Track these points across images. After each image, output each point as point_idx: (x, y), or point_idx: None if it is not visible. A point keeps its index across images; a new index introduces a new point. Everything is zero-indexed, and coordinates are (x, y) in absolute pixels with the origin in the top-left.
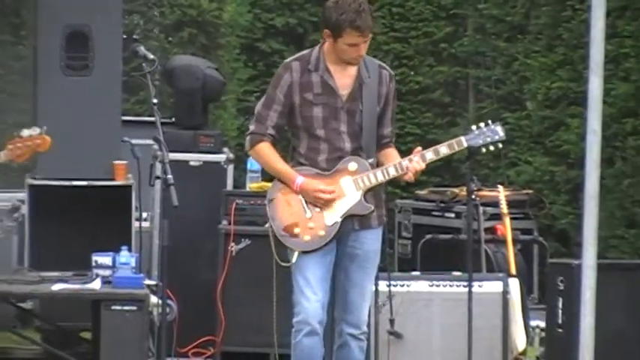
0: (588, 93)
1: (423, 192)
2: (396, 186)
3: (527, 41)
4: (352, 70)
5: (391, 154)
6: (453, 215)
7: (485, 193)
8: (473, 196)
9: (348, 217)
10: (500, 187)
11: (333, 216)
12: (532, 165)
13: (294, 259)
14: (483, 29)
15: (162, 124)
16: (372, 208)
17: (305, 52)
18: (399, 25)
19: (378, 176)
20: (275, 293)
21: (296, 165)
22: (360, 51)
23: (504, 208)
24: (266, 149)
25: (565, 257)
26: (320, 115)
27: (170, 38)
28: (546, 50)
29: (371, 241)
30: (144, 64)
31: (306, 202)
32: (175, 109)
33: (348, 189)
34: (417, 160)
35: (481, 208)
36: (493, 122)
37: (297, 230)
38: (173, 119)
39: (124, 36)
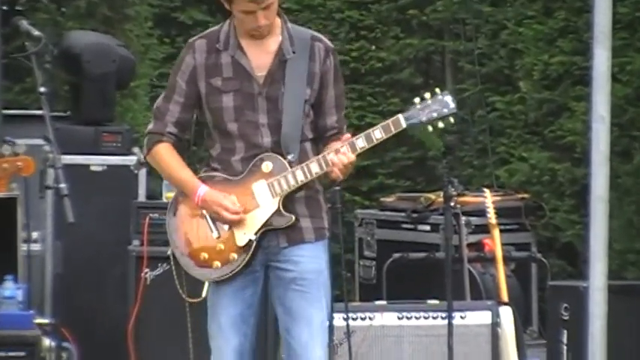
0: (593, 69)
1: (389, 199)
2: (354, 192)
3: (519, 4)
4: (271, 45)
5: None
6: (427, 228)
7: (469, 199)
8: (452, 204)
9: (271, 233)
10: (487, 191)
11: (245, 234)
12: (527, 162)
13: (204, 293)
14: None
15: (54, 118)
16: (292, 218)
17: (215, 27)
18: None
19: (298, 176)
20: (190, 333)
21: (209, 172)
22: (258, 20)
23: (493, 217)
24: (164, 152)
25: (571, 278)
26: (231, 104)
27: (63, 9)
28: (543, 15)
29: (307, 259)
30: (27, 43)
31: (211, 218)
32: (74, 99)
33: (262, 196)
34: (344, 151)
35: (463, 218)
36: (441, 91)
37: (204, 256)
38: (68, 112)
39: (4, 7)
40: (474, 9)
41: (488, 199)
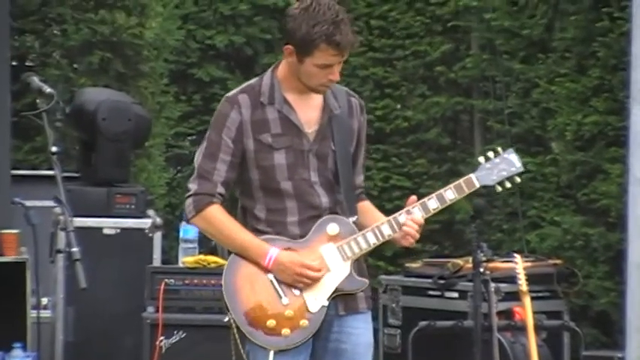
0: (630, 129)
1: (415, 265)
2: (379, 257)
3: (551, 61)
4: (317, 100)
5: (369, 208)
6: (455, 295)
7: (498, 264)
8: (481, 269)
9: (332, 299)
10: (518, 257)
11: (318, 299)
12: (560, 226)
13: None
14: (492, 46)
15: (65, 179)
16: (366, 282)
17: (252, 81)
18: (381, 43)
19: (370, 239)
20: None
21: (255, 234)
22: (334, 74)
23: (524, 284)
24: (218, 214)
25: (605, 348)
26: (284, 162)
27: (75, 65)
28: (576, 73)
29: (361, 332)
30: (38, 100)
31: (278, 282)
32: (86, 159)
33: (332, 260)
34: (417, 212)
35: (492, 285)
36: (504, 149)
37: (271, 323)
38: (79, 173)
39: (14, 62)
40: (504, 66)
41: (519, 264)
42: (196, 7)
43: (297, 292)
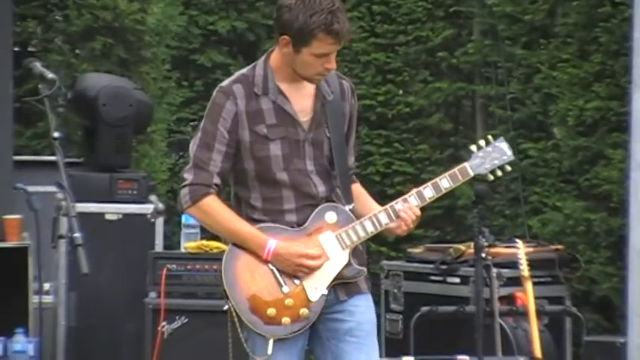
0: (631, 115)
1: (417, 250)
2: (380, 242)
3: (553, 47)
4: (309, 87)
5: (360, 193)
6: (457, 280)
7: (500, 250)
8: (483, 255)
9: (332, 287)
10: (520, 242)
11: (318, 288)
12: (561, 212)
13: (269, 350)
14: (494, 32)
15: (67, 165)
16: (364, 270)
17: (244, 71)
18: (383, 29)
19: (368, 227)
20: None
21: (251, 223)
22: (330, 63)
23: (525, 269)
24: (215, 204)
25: (607, 334)
26: (279, 152)
27: (77, 50)
28: (578, 58)
29: (364, 309)
30: (40, 86)
31: (279, 271)
32: (88, 145)
33: (332, 249)
34: (412, 201)
35: (494, 270)
36: (494, 137)
37: (271, 312)
38: (82, 158)
39: (16, 48)
40: (505, 52)
41: (521, 250)
42: None
43: (297, 281)
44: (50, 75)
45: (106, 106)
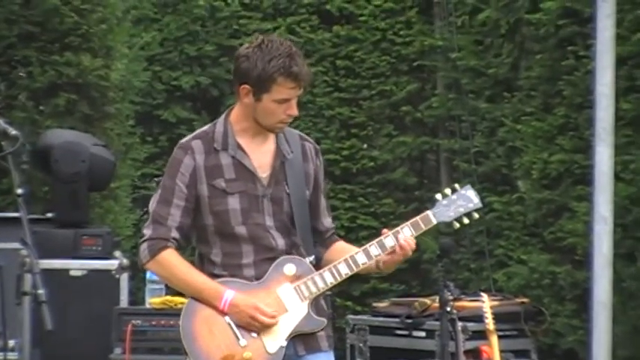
0: (595, 168)
1: (382, 304)
2: (346, 297)
3: (517, 100)
4: (270, 144)
5: (344, 247)
6: (422, 334)
7: (466, 303)
8: (449, 309)
9: (291, 339)
10: (485, 296)
11: (275, 340)
12: (527, 265)
13: None
14: (458, 86)
15: (32, 221)
16: (325, 322)
17: (205, 127)
18: (347, 83)
19: (327, 278)
20: None
21: (211, 279)
22: (292, 109)
23: (491, 323)
24: (172, 258)
25: None
26: (238, 207)
27: (41, 107)
28: (542, 112)
29: None
30: (4, 143)
31: (236, 325)
32: (52, 201)
33: (290, 301)
34: (374, 250)
35: (460, 324)
36: (461, 186)
37: None
38: (49, 215)
39: None
40: (469, 105)
41: (486, 303)
42: (162, 49)
43: (254, 333)
44: (13, 132)
45: (59, 162)
